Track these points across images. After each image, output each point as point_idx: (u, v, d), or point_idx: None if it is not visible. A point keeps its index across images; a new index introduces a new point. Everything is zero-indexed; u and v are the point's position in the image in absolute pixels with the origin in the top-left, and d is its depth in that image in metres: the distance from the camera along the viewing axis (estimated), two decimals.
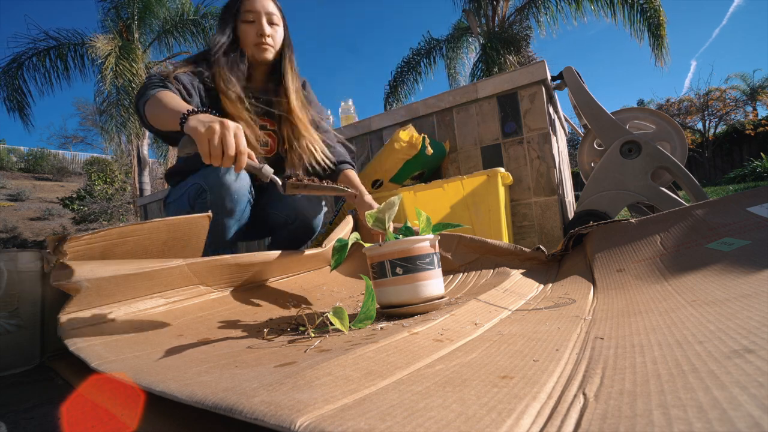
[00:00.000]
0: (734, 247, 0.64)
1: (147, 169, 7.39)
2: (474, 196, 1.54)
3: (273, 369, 0.37)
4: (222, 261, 0.79)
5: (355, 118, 2.54)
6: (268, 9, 1.00)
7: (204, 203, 0.96)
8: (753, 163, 7.21)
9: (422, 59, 7.79)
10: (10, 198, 11.46)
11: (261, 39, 0.99)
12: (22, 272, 0.58)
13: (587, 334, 0.44)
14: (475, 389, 0.29)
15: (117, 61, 5.91)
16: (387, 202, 0.67)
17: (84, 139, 16.18)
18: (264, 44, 1.00)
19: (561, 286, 0.77)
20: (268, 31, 1.00)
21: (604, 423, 0.23)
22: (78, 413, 0.42)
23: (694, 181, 1.61)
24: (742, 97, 12.53)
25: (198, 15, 7.05)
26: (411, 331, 0.47)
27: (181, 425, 0.35)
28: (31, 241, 8.80)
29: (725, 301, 0.45)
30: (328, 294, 0.94)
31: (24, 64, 6.36)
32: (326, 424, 0.24)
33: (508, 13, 6.96)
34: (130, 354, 0.50)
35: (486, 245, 1.02)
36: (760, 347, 0.30)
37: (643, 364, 0.31)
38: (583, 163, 2.03)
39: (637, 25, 5.89)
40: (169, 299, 0.73)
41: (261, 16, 0.99)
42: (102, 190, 9.80)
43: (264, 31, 0.99)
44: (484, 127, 1.94)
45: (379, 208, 0.67)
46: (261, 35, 0.99)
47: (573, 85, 1.80)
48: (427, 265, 0.63)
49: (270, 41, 1.01)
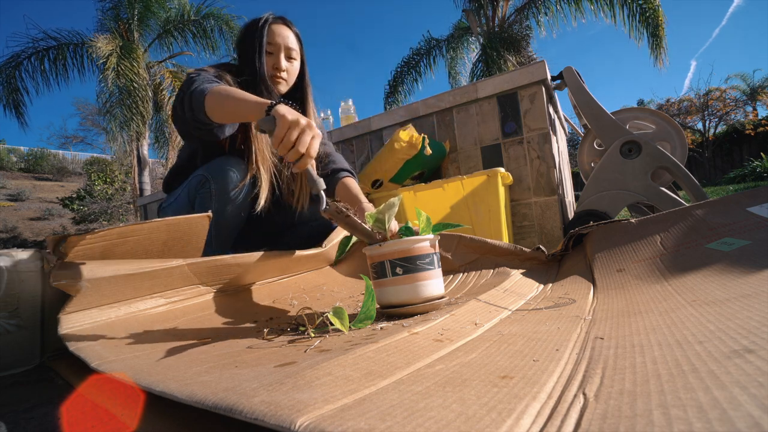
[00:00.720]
0: (734, 247, 0.64)
1: (147, 169, 7.39)
2: (474, 196, 1.54)
3: (273, 369, 0.37)
4: (222, 261, 0.79)
5: (355, 118, 2.54)
6: (288, 44, 1.03)
7: (207, 193, 0.96)
8: (753, 163, 7.22)
9: (422, 59, 7.79)
10: (10, 198, 11.46)
11: (276, 72, 1.03)
12: (22, 272, 0.58)
13: (587, 334, 0.44)
14: (475, 389, 0.29)
15: (119, 61, 5.91)
16: (386, 203, 0.67)
17: (84, 139, 16.19)
18: (278, 78, 1.03)
19: (561, 286, 0.76)
20: (284, 65, 1.03)
21: (604, 423, 0.23)
22: (78, 413, 0.42)
23: (694, 181, 1.61)
24: (742, 97, 12.54)
25: (199, 16, 7.04)
26: (411, 331, 0.47)
27: (181, 425, 0.35)
28: (31, 241, 8.80)
29: (725, 301, 0.45)
30: (328, 294, 0.94)
31: (22, 64, 6.37)
32: (326, 424, 0.24)
33: (508, 13, 6.96)
34: (130, 354, 0.50)
35: (486, 245, 1.02)
36: (760, 347, 0.30)
37: (643, 364, 0.31)
38: (583, 163, 2.03)
39: (636, 26, 5.89)
40: (169, 299, 0.73)
41: (280, 50, 1.02)
42: (102, 190, 9.80)
43: (280, 66, 1.02)
44: (484, 127, 1.94)
45: (379, 209, 0.67)
46: (277, 69, 1.02)
47: (573, 85, 1.80)
48: (427, 265, 0.63)
49: (284, 75, 1.04)
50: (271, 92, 1.00)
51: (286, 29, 1.04)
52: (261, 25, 1.00)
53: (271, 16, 1.02)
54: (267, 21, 1.01)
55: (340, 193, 1.05)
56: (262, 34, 1.00)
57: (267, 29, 1.00)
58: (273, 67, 1.02)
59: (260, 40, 0.99)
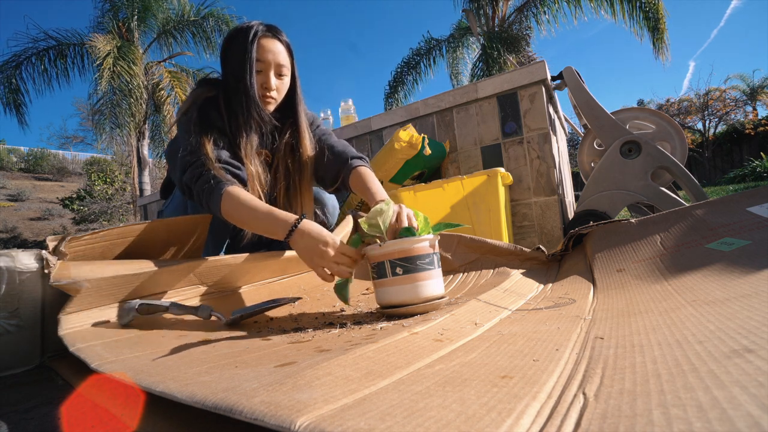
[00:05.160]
0: (734, 247, 0.64)
1: (147, 169, 7.40)
2: (474, 196, 1.54)
3: (273, 369, 0.38)
4: (222, 261, 0.79)
5: (355, 118, 2.55)
6: (278, 61, 0.95)
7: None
8: (753, 163, 7.22)
9: (422, 59, 7.79)
10: (10, 198, 11.47)
11: (265, 92, 0.96)
12: (22, 272, 0.58)
13: (587, 334, 0.44)
14: (475, 389, 0.29)
15: (115, 61, 5.91)
16: (373, 210, 0.66)
17: (84, 139, 16.20)
18: (268, 97, 0.97)
19: (561, 286, 0.77)
20: (273, 85, 0.96)
21: (604, 422, 0.23)
22: (78, 413, 0.42)
23: (694, 181, 1.61)
24: (741, 97, 12.54)
25: (199, 16, 7.05)
26: (411, 331, 0.47)
27: (181, 425, 0.35)
28: (31, 241, 8.80)
29: (725, 301, 0.45)
30: (328, 294, 0.94)
31: (23, 64, 6.37)
32: (326, 424, 0.24)
33: (508, 13, 6.96)
34: (130, 354, 0.50)
35: (486, 245, 1.02)
36: (760, 347, 0.30)
37: (643, 364, 0.31)
38: (583, 163, 2.03)
39: (637, 20, 5.88)
40: (169, 299, 0.73)
41: (270, 68, 0.95)
42: (102, 190, 9.81)
43: (270, 86, 0.95)
44: (484, 127, 1.94)
45: (368, 215, 0.66)
46: (266, 88, 0.96)
47: (573, 84, 1.80)
48: (427, 265, 0.63)
49: (274, 95, 0.97)
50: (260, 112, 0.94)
51: (277, 43, 0.95)
52: (251, 40, 0.91)
53: (260, 28, 0.93)
54: (256, 35, 0.92)
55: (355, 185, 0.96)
56: (252, 50, 0.91)
57: (257, 45, 0.92)
58: (262, 86, 0.95)
59: (250, 57, 0.91)
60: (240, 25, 0.96)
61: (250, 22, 0.95)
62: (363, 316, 0.68)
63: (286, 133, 1.03)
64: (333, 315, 0.72)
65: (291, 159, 1.03)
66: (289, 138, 1.03)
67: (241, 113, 0.93)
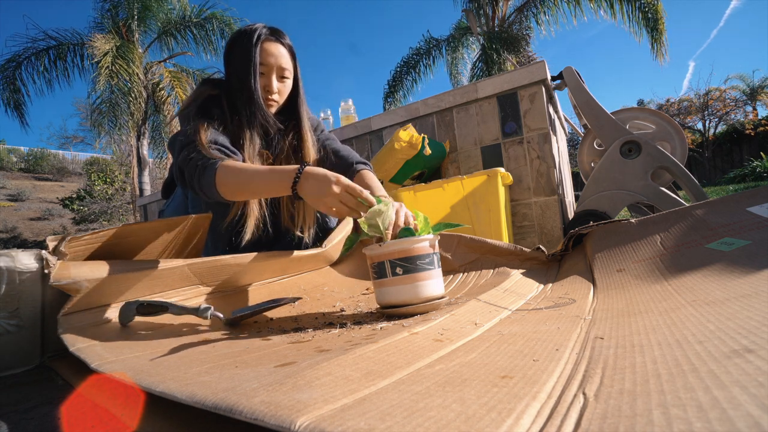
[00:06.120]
0: (734, 247, 0.64)
1: (147, 169, 7.39)
2: (474, 196, 1.54)
3: (273, 369, 0.37)
4: (222, 261, 0.79)
5: (355, 118, 2.55)
6: (281, 64, 0.97)
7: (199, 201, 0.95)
8: (753, 163, 7.22)
9: (422, 59, 7.79)
10: (10, 198, 11.47)
11: (267, 95, 0.98)
12: (22, 272, 0.58)
13: (587, 334, 0.44)
14: (475, 389, 0.29)
15: (114, 60, 5.90)
16: (372, 210, 0.65)
17: (84, 139, 16.21)
18: (270, 100, 0.98)
19: (561, 286, 0.77)
20: (275, 88, 0.98)
21: (604, 422, 0.23)
22: (78, 413, 0.42)
23: (694, 181, 1.61)
24: (741, 97, 12.54)
25: (201, 17, 7.04)
26: (411, 331, 0.47)
27: (181, 425, 0.35)
28: (31, 241, 8.80)
29: (725, 301, 0.45)
30: (328, 294, 0.94)
31: (23, 64, 6.37)
32: (326, 424, 0.24)
33: (508, 13, 6.96)
34: (130, 354, 0.50)
35: (486, 245, 1.02)
36: (760, 347, 0.30)
37: (643, 364, 0.31)
38: (583, 163, 2.03)
39: (636, 20, 5.89)
40: (169, 299, 0.73)
41: (272, 71, 0.96)
42: (102, 190, 9.81)
43: (272, 89, 0.97)
44: (484, 127, 1.94)
45: (367, 216, 0.66)
46: (268, 91, 0.97)
47: (573, 84, 1.80)
48: (427, 265, 0.63)
49: (276, 97, 0.99)
50: (265, 116, 0.96)
51: (279, 47, 0.96)
52: (254, 43, 0.93)
53: (263, 32, 0.95)
54: (259, 38, 0.93)
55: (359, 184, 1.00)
56: (255, 53, 0.93)
57: (260, 48, 0.94)
58: (264, 89, 0.96)
59: (253, 60, 0.93)
60: (243, 28, 0.97)
61: (253, 24, 0.96)
62: (363, 316, 0.68)
63: (289, 135, 1.04)
64: (333, 315, 0.72)
65: (293, 161, 1.03)
66: (292, 140, 1.03)
67: (245, 114, 0.94)
